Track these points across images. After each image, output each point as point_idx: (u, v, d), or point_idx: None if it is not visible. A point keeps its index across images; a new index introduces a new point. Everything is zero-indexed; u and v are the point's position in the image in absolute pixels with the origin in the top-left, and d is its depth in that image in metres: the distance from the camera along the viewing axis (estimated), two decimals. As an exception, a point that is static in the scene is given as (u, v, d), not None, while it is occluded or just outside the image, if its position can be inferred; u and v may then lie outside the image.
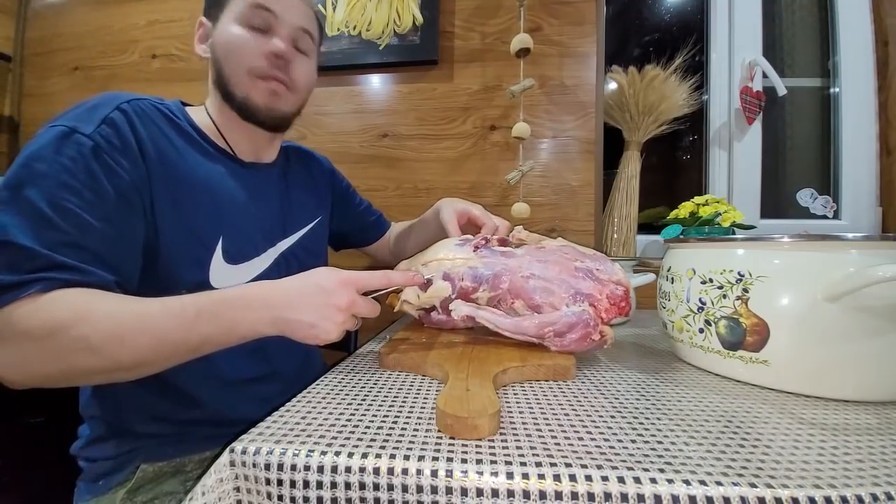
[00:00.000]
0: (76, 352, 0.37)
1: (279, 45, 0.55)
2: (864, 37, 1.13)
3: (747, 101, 1.14)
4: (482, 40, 1.10)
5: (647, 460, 0.28)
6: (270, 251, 0.60)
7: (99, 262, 0.42)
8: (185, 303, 0.41)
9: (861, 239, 0.39)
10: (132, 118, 0.48)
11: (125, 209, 0.45)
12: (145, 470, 0.51)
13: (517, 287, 0.52)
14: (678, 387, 0.43)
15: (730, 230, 0.85)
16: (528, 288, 0.51)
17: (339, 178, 0.83)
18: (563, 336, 0.48)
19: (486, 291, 0.53)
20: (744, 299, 0.42)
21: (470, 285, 0.54)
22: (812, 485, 0.25)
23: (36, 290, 0.37)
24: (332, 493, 0.28)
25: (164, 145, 0.50)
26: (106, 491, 0.51)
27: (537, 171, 1.07)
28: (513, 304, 0.52)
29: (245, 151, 0.61)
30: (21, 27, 1.32)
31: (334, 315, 0.42)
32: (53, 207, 0.40)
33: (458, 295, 0.54)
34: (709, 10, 1.21)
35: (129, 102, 0.49)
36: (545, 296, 0.50)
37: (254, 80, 0.56)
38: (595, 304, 0.49)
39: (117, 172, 0.45)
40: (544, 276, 0.51)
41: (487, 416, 0.31)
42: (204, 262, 0.52)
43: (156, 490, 0.51)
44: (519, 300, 0.52)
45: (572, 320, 0.48)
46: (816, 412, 0.37)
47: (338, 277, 0.43)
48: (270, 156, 0.66)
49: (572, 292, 0.50)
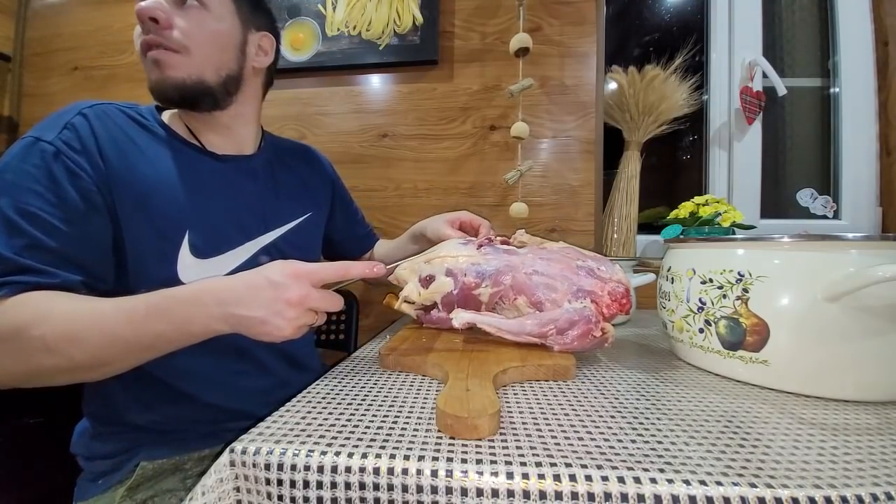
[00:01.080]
0: (35, 352, 0.39)
1: (141, 4, 0.49)
2: (864, 37, 1.13)
3: (747, 101, 1.14)
4: (482, 40, 1.10)
5: (647, 460, 0.28)
6: (248, 245, 0.59)
7: (65, 263, 0.44)
8: (137, 301, 0.41)
9: (861, 239, 0.39)
10: (92, 121, 0.49)
11: (89, 210, 0.47)
12: (145, 467, 0.51)
13: (520, 283, 0.52)
14: (678, 387, 0.43)
15: (730, 230, 0.85)
16: (530, 284, 0.51)
17: (341, 185, 0.83)
18: (564, 333, 0.48)
19: (488, 287, 0.53)
20: (744, 299, 0.42)
21: (472, 281, 0.54)
22: (812, 485, 0.25)
23: (2, 294, 0.39)
24: (332, 493, 0.28)
25: (125, 144, 0.51)
26: (105, 489, 0.51)
27: (537, 171, 1.07)
28: (515, 300, 0.52)
29: (216, 144, 0.60)
30: (21, 27, 1.32)
31: (285, 310, 0.39)
32: (19, 213, 0.42)
33: (461, 291, 0.54)
34: (709, 10, 1.21)
35: (91, 107, 0.50)
36: (547, 292, 0.51)
37: (144, 59, 0.52)
38: (597, 300, 0.49)
39: (78, 174, 0.46)
40: (547, 273, 0.52)
41: (487, 416, 0.31)
42: (170, 257, 0.52)
43: (155, 487, 0.51)
44: (522, 296, 0.52)
45: (574, 317, 0.48)
46: (816, 412, 0.37)
47: (289, 270, 0.41)
48: (248, 147, 0.64)
49: (574, 289, 0.50)
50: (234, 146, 0.62)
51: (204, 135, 0.59)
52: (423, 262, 0.57)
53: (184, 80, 0.52)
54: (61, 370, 0.40)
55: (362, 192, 1.15)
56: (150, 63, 0.51)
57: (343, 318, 1.00)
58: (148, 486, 0.51)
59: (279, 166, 0.68)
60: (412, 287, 0.56)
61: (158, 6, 0.49)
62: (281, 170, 0.69)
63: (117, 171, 0.49)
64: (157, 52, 0.50)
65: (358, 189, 1.15)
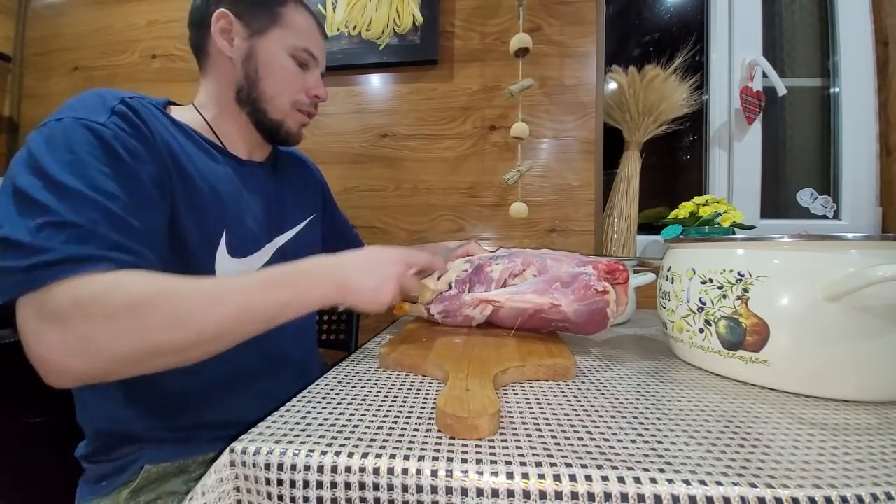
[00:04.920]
0: (161, 327, 0.37)
1: (323, 92, 0.65)
2: (864, 37, 1.13)
3: (747, 101, 1.14)
4: (482, 40, 1.10)
5: (647, 460, 0.28)
6: (268, 246, 0.61)
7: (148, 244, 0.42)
8: (260, 274, 0.44)
9: (861, 239, 0.39)
10: (139, 111, 0.48)
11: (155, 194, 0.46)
12: (149, 470, 0.51)
13: (529, 259, 0.60)
14: (678, 387, 0.43)
15: (730, 230, 0.85)
16: (539, 257, 0.59)
17: (327, 187, 0.86)
18: (568, 287, 0.53)
19: (500, 264, 0.60)
20: (744, 299, 0.42)
21: (487, 260, 0.61)
22: (812, 485, 0.25)
23: (104, 268, 0.36)
24: (332, 493, 0.28)
25: (170, 140, 0.51)
26: (109, 491, 0.51)
27: (537, 171, 1.07)
28: (523, 271, 0.59)
29: (240, 149, 0.62)
30: (21, 27, 1.32)
31: (392, 283, 0.47)
32: (97, 191, 0.39)
33: (474, 268, 0.60)
34: (709, 10, 1.21)
35: (132, 98, 0.49)
36: (555, 261, 0.58)
37: (293, 111, 0.63)
38: (596, 267, 0.55)
39: (141, 157, 0.45)
40: (555, 256, 0.60)
41: (487, 416, 0.31)
42: (210, 255, 0.52)
43: (159, 490, 0.51)
44: (531, 267, 0.59)
45: (575, 274, 0.54)
46: (816, 412, 0.37)
47: (397, 251, 0.51)
48: (263, 154, 0.67)
49: (576, 261, 0.57)
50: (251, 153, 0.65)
51: (233, 142, 0.61)
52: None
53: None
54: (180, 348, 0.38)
55: (362, 192, 1.15)
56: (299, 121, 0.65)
57: (343, 318, 1.00)
58: (151, 489, 0.51)
59: (282, 172, 0.71)
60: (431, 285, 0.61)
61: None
62: (284, 175, 0.71)
63: (168, 163, 0.48)
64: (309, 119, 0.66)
65: (358, 189, 1.15)
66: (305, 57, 0.61)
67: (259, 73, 0.58)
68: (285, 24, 0.59)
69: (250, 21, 0.58)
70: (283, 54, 0.59)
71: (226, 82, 0.59)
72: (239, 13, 0.57)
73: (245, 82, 0.59)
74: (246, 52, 0.58)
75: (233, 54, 0.58)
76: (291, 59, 0.60)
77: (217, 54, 0.59)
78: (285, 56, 0.59)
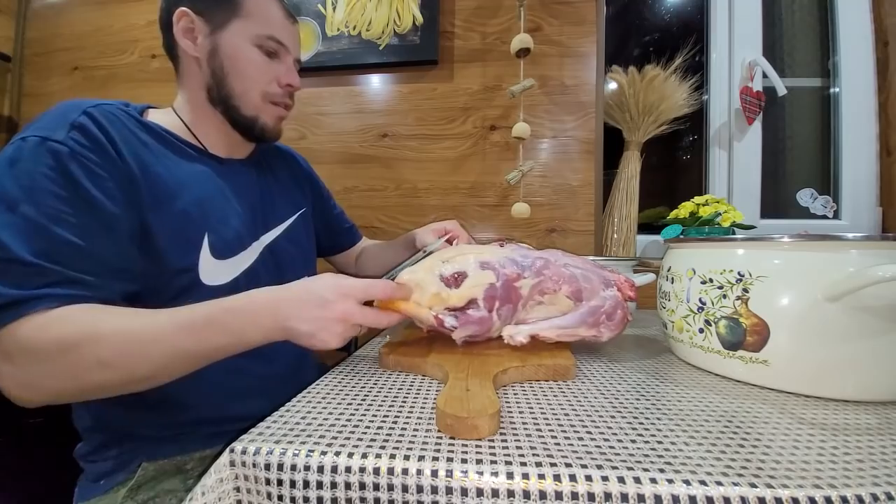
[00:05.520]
0: (89, 369, 0.38)
1: (296, 79, 0.61)
2: (864, 37, 1.13)
3: (747, 101, 1.14)
4: (482, 40, 1.10)
5: (647, 460, 0.28)
6: (255, 245, 0.60)
7: (100, 270, 0.42)
8: (194, 314, 0.41)
9: (861, 239, 0.39)
10: (100, 121, 0.47)
11: (115, 210, 0.45)
12: (146, 468, 0.51)
13: (560, 274, 0.54)
14: (678, 387, 0.43)
15: (730, 230, 0.85)
16: (569, 274, 0.54)
17: (317, 177, 0.84)
18: (612, 318, 0.51)
19: (530, 278, 0.53)
20: (744, 299, 0.42)
21: (514, 272, 0.53)
22: (812, 485, 0.25)
23: (43, 307, 0.38)
24: (332, 493, 0.28)
25: (137, 147, 0.50)
26: (107, 490, 0.51)
27: (537, 170, 1.07)
28: (557, 290, 0.54)
29: (220, 149, 0.61)
30: (21, 27, 1.32)
31: (332, 326, 0.42)
32: (47, 217, 0.40)
33: (503, 283, 0.52)
34: (709, 10, 1.21)
35: (95, 107, 0.48)
36: (586, 281, 0.54)
37: (266, 104, 0.60)
38: (620, 287, 0.54)
39: (98, 174, 0.44)
40: (576, 265, 0.55)
41: (487, 416, 0.31)
42: (193, 258, 0.52)
43: (157, 488, 0.51)
44: (565, 286, 0.54)
45: (613, 303, 0.52)
46: (816, 412, 0.37)
47: (337, 289, 0.43)
48: (245, 152, 0.66)
49: (602, 278, 0.54)
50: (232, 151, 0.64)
51: (213, 142, 0.60)
52: (440, 261, 0.53)
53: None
54: (116, 384, 0.40)
55: (362, 192, 1.15)
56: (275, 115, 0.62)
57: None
58: (149, 487, 0.51)
59: (267, 167, 0.70)
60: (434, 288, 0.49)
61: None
62: (270, 170, 0.70)
63: (134, 170, 0.48)
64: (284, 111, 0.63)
65: (358, 189, 1.15)
66: (273, 45, 0.58)
67: (225, 68, 0.56)
68: (246, 14, 0.56)
69: (211, 16, 0.56)
70: (247, 45, 0.57)
71: (196, 84, 0.58)
72: (198, 10, 0.56)
73: (213, 81, 0.57)
74: (209, 49, 0.56)
75: (198, 53, 0.57)
76: (257, 50, 0.57)
77: (184, 56, 0.58)
78: (250, 47, 0.57)
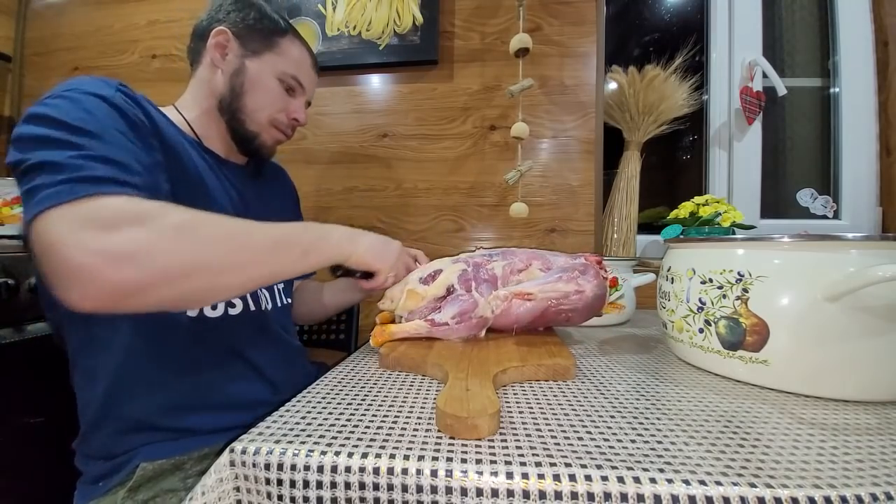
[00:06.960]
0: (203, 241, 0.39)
1: (303, 117, 0.68)
2: (864, 37, 1.13)
3: (747, 101, 1.14)
4: (482, 40, 1.10)
5: (646, 460, 0.28)
6: None
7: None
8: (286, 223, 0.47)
9: (861, 239, 0.39)
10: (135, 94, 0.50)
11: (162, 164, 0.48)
12: (145, 468, 0.51)
13: (527, 253, 0.62)
14: (678, 387, 0.43)
15: (730, 230, 0.85)
16: (538, 253, 0.62)
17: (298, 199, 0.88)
18: (585, 272, 0.56)
19: (499, 261, 0.60)
20: (744, 299, 0.42)
21: (483, 259, 0.61)
22: (812, 485, 0.25)
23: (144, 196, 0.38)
24: (332, 493, 0.28)
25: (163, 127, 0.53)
26: (106, 491, 0.51)
27: (537, 171, 1.07)
28: (528, 266, 0.60)
29: (219, 150, 0.65)
30: (21, 27, 1.32)
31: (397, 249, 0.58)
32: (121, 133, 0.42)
33: (473, 266, 0.59)
34: (709, 10, 1.21)
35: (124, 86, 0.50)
36: (554, 257, 0.61)
37: (269, 127, 0.65)
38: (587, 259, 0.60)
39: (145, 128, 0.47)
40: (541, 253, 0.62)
41: (487, 416, 0.31)
42: None
43: (156, 488, 0.51)
44: (535, 261, 0.60)
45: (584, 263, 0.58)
46: (816, 412, 0.37)
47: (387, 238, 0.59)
48: (242, 159, 0.70)
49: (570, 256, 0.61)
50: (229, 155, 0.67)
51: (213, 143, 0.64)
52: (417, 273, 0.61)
53: None
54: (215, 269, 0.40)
55: (362, 192, 1.15)
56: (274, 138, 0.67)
57: (343, 317, 1.00)
58: (149, 487, 0.51)
59: (261, 177, 0.74)
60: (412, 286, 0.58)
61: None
62: (263, 180, 0.74)
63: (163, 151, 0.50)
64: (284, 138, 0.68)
65: (358, 189, 1.15)
66: (293, 83, 0.65)
67: (245, 87, 0.62)
68: (280, 52, 0.63)
69: (248, 42, 0.62)
70: (270, 76, 0.63)
71: (209, 90, 0.62)
72: (238, 34, 0.62)
73: (229, 94, 0.62)
74: (236, 67, 0.61)
75: (223, 67, 0.62)
76: (278, 82, 0.64)
77: (208, 64, 0.62)
78: (272, 78, 0.63)
